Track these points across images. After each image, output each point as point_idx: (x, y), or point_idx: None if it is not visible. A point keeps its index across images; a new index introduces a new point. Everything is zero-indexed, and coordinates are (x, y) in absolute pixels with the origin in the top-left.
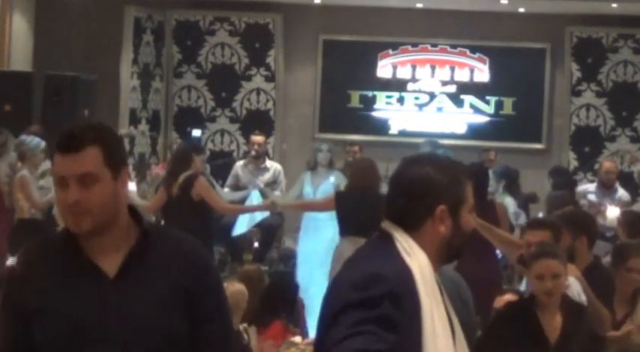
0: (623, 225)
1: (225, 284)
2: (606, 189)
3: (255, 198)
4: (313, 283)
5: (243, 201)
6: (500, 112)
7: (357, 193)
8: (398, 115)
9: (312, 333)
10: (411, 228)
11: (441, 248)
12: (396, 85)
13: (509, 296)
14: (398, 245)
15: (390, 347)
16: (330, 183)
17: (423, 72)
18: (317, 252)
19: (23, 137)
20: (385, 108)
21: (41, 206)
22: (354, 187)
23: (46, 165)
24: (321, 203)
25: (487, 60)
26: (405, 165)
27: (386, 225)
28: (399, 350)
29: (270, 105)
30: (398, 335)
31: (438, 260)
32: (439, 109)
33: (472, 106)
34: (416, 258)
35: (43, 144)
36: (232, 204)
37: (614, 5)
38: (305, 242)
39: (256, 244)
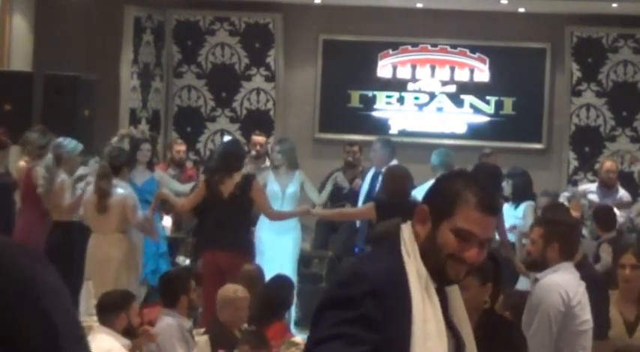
0: (595, 219)
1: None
2: (607, 188)
3: None
4: None
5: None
6: (500, 112)
7: (395, 200)
8: (398, 115)
9: None
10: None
11: (421, 251)
12: (396, 85)
13: None
14: (402, 244)
15: (371, 348)
16: (297, 183)
17: (423, 72)
18: (281, 255)
19: (61, 139)
20: (385, 108)
21: (68, 211)
22: (392, 195)
23: (82, 170)
24: (359, 212)
25: (487, 60)
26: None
27: (402, 223)
28: (384, 349)
29: (270, 105)
30: (381, 335)
31: (429, 263)
32: (439, 109)
33: (472, 106)
34: (415, 260)
35: (80, 147)
36: None
37: (614, 5)
38: (267, 243)
39: None
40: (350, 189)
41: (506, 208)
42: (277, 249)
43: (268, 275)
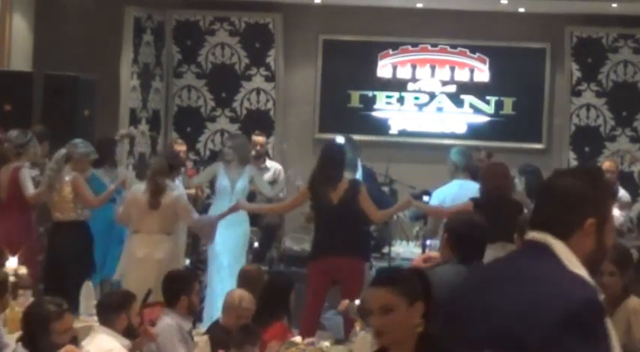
0: None
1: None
2: None
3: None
4: (222, 279)
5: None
6: (500, 112)
7: (494, 199)
8: (398, 115)
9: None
10: (561, 238)
11: (583, 262)
12: (396, 85)
13: None
14: (562, 257)
15: None
16: (246, 178)
17: (423, 72)
18: (231, 248)
19: (78, 140)
20: (385, 108)
21: (96, 205)
22: (491, 193)
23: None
24: (457, 209)
25: (487, 60)
26: (557, 175)
27: (537, 235)
28: None
29: (270, 105)
30: None
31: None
32: (439, 109)
33: (472, 106)
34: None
35: (93, 155)
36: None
37: (614, 5)
38: (218, 237)
39: (256, 244)
40: (382, 193)
41: None
42: (228, 242)
43: (221, 267)
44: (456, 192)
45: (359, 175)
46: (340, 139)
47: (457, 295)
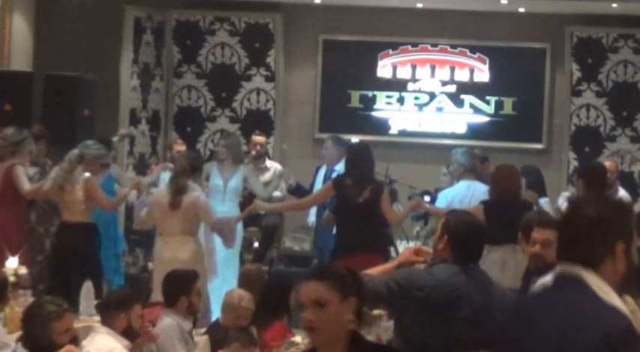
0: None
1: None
2: (607, 189)
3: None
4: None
5: (154, 183)
6: (500, 112)
7: (506, 201)
8: (398, 115)
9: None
10: (592, 268)
11: (615, 285)
12: (396, 85)
13: None
14: (595, 289)
15: None
16: (239, 177)
17: (423, 72)
18: (223, 246)
19: (90, 142)
20: (385, 108)
21: (109, 209)
22: (502, 195)
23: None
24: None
25: (487, 60)
26: (577, 206)
27: (568, 268)
28: None
29: (270, 105)
30: None
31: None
32: (439, 109)
33: (472, 106)
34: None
35: (105, 157)
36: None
37: (614, 5)
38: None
39: (256, 244)
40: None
41: None
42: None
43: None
44: (464, 193)
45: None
46: (354, 139)
47: (506, 327)
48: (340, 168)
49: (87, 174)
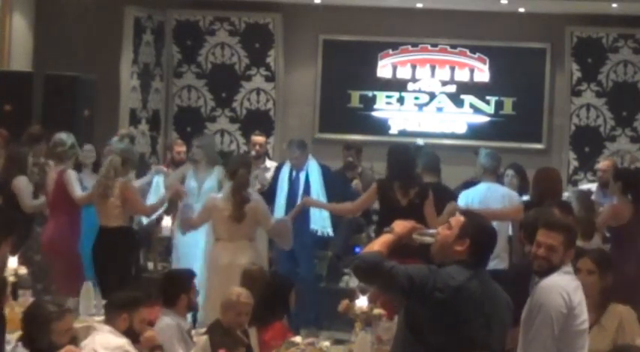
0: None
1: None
2: (606, 188)
3: (160, 184)
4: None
5: (148, 185)
6: (500, 112)
7: (545, 203)
8: (398, 115)
9: None
10: None
11: None
12: (396, 85)
13: None
14: None
15: None
16: (214, 178)
17: (423, 72)
18: (197, 246)
19: (122, 144)
20: (385, 108)
21: (150, 211)
22: (544, 196)
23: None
24: (509, 211)
25: (487, 60)
26: None
27: None
28: None
29: (270, 105)
30: None
31: None
32: (439, 109)
33: (472, 106)
34: None
35: (118, 162)
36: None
37: (614, 5)
38: (183, 236)
39: None
40: (347, 188)
41: None
42: (191, 243)
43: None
44: (484, 195)
45: (316, 173)
46: (420, 141)
47: None
48: (311, 169)
49: (121, 179)
